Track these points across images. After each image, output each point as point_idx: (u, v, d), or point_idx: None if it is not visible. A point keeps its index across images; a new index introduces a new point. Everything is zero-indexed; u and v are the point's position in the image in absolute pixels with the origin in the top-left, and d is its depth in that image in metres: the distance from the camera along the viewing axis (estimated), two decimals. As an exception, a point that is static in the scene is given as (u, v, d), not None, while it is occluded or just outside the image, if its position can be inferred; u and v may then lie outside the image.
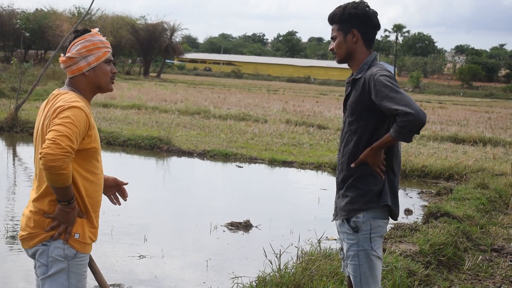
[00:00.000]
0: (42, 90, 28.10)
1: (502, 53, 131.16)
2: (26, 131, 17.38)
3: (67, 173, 3.38)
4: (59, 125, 3.42)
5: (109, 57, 3.79)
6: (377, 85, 3.94)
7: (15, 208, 9.47)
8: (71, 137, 3.40)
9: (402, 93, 3.89)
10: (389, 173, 4.14)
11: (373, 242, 4.09)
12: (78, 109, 3.52)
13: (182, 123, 21.31)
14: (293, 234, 8.61)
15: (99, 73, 3.75)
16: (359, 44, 4.19)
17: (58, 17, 63.03)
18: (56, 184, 3.40)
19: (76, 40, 3.73)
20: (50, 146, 3.34)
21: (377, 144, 4.02)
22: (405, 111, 3.80)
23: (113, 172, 4.57)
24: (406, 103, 3.83)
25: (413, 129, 3.84)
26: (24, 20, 21.49)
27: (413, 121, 3.80)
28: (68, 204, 3.50)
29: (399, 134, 3.88)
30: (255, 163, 15.07)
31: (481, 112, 37.80)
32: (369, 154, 4.05)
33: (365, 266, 4.09)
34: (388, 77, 3.97)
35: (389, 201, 4.10)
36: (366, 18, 4.16)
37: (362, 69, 4.15)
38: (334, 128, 22.19)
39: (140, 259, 7.40)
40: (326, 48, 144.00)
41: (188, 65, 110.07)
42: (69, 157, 3.38)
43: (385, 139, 3.98)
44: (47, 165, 3.33)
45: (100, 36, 3.80)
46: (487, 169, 14.29)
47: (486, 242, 8.30)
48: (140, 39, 72.85)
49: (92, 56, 3.71)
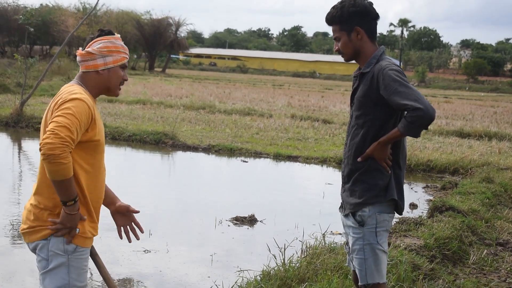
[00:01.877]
0: (48, 86, 28.15)
1: (508, 48, 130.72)
2: (31, 127, 17.41)
3: (66, 163, 3.38)
4: (59, 116, 3.44)
5: (125, 63, 3.84)
6: (386, 79, 3.93)
7: (21, 203, 9.49)
8: (71, 128, 3.41)
9: (411, 88, 3.89)
10: (395, 167, 4.14)
11: (378, 236, 4.09)
12: (79, 100, 3.53)
13: (187, 118, 21.31)
14: (298, 229, 8.62)
15: (113, 75, 3.79)
16: (364, 40, 4.17)
17: (63, 12, 63.14)
18: (56, 177, 3.40)
19: (100, 38, 3.77)
20: (49, 136, 3.36)
21: (385, 139, 4.01)
22: (415, 106, 3.80)
23: (119, 166, 4.59)
24: (416, 98, 3.83)
25: (422, 124, 3.84)
26: (27, 15, 21.44)
27: (422, 117, 3.80)
28: (73, 205, 3.50)
29: (408, 129, 3.88)
30: (260, 157, 15.07)
31: (487, 107, 37.74)
32: (376, 149, 4.04)
33: (371, 260, 4.10)
34: (397, 71, 3.96)
35: (395, 196, 4.10)
36: (366, 13, 4.15)
37: (371, 63, 4.13)
38: (339, 123, 22.17)
39: (145, 254, 7.42)
40: (332, 43, 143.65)
41: (193, 60, 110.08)
42: (68, 147, 3.39)
43: (393, 134, 3.98)
44: (46, 153, 3.34)
45: (121, 41, 3.86)
46: (492, 163, 14.27)
47: (491, 236, 8.29)
48: (145, 34, 72.89)
49: (110, 57, 3.76)
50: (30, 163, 13.29)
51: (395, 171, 4.15)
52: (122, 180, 11.22)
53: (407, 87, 3.88)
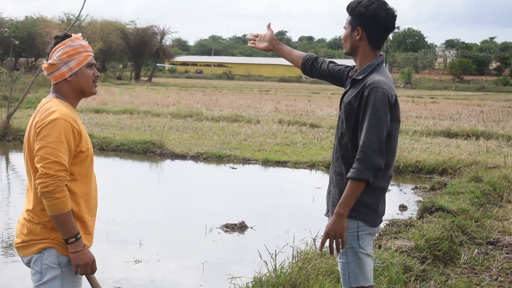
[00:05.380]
0: (34, 98, 28.03)
1: (492, 46, 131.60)
2: (18, 139, 17.32)
3: (60, 197, 3.41)
4: (44, 148, 3.45)
5: (90, 61, 3.75)
6: (369, 99, 3.85)
7: (10, 217, 9.44)
8: (59, 157, 3.44)
9: (379, 126, 3.81)
10: (380, 182, 4.07)
11: (360, 240, 4.04)
12: (59, 120, 3.50)
13: (175, 126, 21.29)
14: (289, 234, 8.61)
15: (81, 77, 3.71)
16: (363, 43, 4.07)
17: (47, 24, 62.88)
18: (53, 211, 3.43)
19: (57, 46, 3.70)
20: (41, 176, 3.41)
21: (342, 201, 3.90)
22: (360, 150, 3.80)
23: (108, 177, 4.57)
24: (369, 144, 3.78)
25: (362, 172, 3.79)
26: (12, 28, 21.37)
27: (362, 166, 3.77)
28: (75, 242, 3.50)
29: (352, 170, 3.84)
30: (249, 164, 15.07)
31: (473, 106, 37.88)
32: (335, 222, 3.91)
33: (354, 264, 4.05)
34: (383, 97, 3.85)
35: (374, 215, 4.06)
36: (375, 20, 4.02)
37: (365, 71, 4.03)
38: (327, 127, 22.19)
39: (136, 264, 7.39)
40: (317, 47, 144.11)
41: (179, 68, 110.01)
42: (62, 181, 3.42)
43: (348, 191, 3.88)
44: (41, 191, 3.41)
45: (80, 40, 3.76)
46: (480, 162, 14.31)
47: (482, 235, 8.31)
48: (130, 44, 72.82)
49: (73, 61, 3.68)
50: (18, 176, 13.23)
51: (380, 185, 4.07)
52: (111, 190, 11.18)
53: (376, 124, 3.81)
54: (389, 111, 3.88)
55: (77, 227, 3.52)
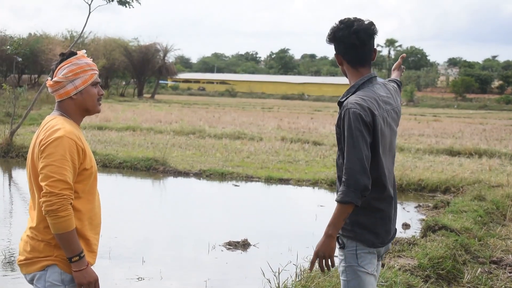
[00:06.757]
0: (37, 115, 28.09)
1: (494, 65, 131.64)
2: (21, 156, 17.34)
3: (64, 216, 3.41)
4: (48, 166, 3.45)
5: (96, 79, 3.75)
6: (345, 123, 3.83)
7: (13, 233, 9.44)
8: (63, 176, 3.44)
9: (358, 150, 3.77)
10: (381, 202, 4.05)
11: (359, 259, 4.02)
12: (63, 138, 3.50)
13: (178, 143, 21.30)
14: (292, 252, 8.59)
15: (86, 96, 3.71)
16: (346, 66, 4.05)
17: (50, 41, 63.01)
18: (58, 230, 3.43)
19: (63, 64, 3.69)
20: (45, 194, 3.41)
21: (330, 223, 3.92)
22: (344, 173, 3.78)
23: (111, 194, 4.57)
24: (351, 165, 3.76)
25: (347, 194, 3.76)
26: (15, 45, 21.42)
27: (347, 189, 3.75)
28: (78, 261, 3.50)
29: (338, 193, 3.82)
30: (252, 181, 15.07)
31: (476, 124, 37.90)
32: (324, 243, 3.94)
33: (353, 282, 4.04)
34: (354, 120, 3.80)
35: (371, 236, 4.03)
36: (340, 41, 4.01)
37: (349, 92, 4.00)
38: (330, 144, 22.19)
39: (138, 281, 7.38)
40: (319, 65, 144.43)
41: (182, 85, 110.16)
42: (66, 200, 3.42)
43: (335, 212, 3.87)
44: (45, 210, 3.41)
45: (86, 58, 3.75)
46: (483, 181, 14.30)
47: (485, 254, 8.29)
48: (133, 61, 72.93)
49: (79, 80, 3.67)
50: (21, 193, 13.23)
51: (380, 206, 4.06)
52: (114, 207, 11.17)
53: (354, 145, 3.78)
54: (366, 129, 3.82)
55: (80, 245, 3.52)
